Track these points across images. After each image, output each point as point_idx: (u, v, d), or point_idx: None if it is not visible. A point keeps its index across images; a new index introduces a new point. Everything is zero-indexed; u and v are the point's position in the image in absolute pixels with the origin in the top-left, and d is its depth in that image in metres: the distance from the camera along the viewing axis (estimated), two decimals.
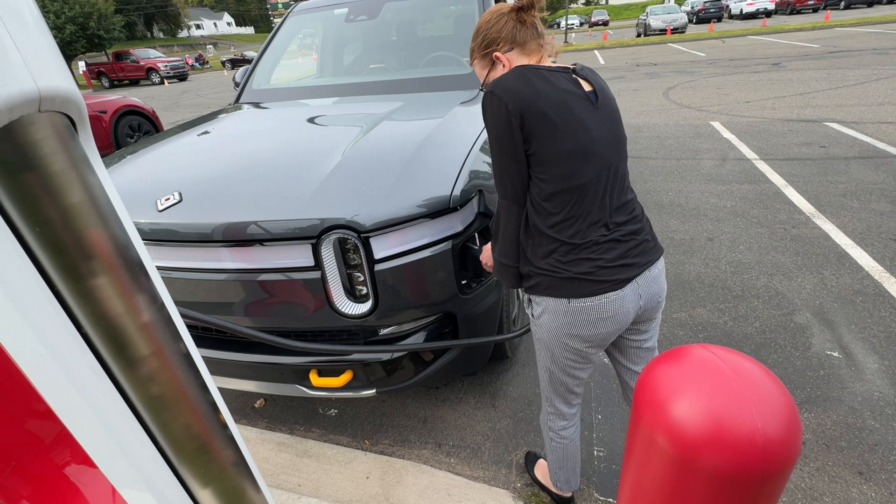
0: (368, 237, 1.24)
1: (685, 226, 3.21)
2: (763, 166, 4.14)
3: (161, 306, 0.66)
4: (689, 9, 30.05)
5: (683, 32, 21.00)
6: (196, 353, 0.77)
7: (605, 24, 38.47)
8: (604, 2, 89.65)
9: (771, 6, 25.97)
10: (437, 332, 1.49)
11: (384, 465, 1.60)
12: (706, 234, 3.06)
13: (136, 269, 0.63)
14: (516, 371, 2.05)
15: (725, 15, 28.91)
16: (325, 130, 1.82)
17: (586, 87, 0.99)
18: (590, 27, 39.15)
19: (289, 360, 1.44)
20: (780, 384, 0.52)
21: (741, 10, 27.10)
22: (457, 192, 1.33)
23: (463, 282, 1.43)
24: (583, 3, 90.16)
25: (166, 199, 1.38)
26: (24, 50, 0.47)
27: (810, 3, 25.08)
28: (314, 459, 1.65)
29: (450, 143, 1.56)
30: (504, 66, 1.05)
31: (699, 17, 27.64)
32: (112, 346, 0.61)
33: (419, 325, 1.46)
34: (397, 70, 2.57)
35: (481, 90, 1.14)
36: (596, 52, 17.25)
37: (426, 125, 1.69)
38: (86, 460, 1.15)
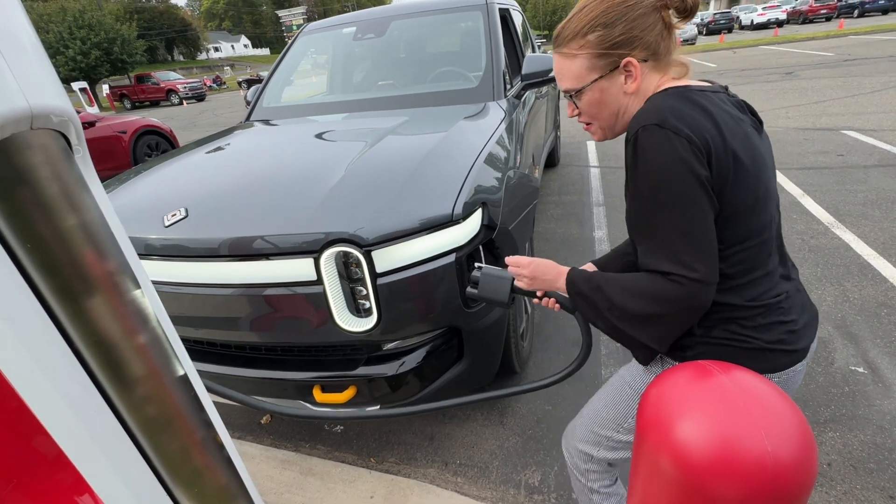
0: (370, 250, 1.23)
1: None
2: (778, 176, 4.05)
3: (156, 327, 0.65)
4: (699, 20, 30.11)
5: (693, 44, 21.00)
6: (194, 374, 0.76)
7: None
8: None
9: (782, 16, 25.84)
10: (443, 346, 1.46)
11: (389, 485, 1.56)
12: None
13: (131, 290, 0.62)
14: None
15: (736, 26, 28.86)
16: (331, 146, 1.84)
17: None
18: None
19: (293, 375, 1.42)
20: (790, 402, 0.49)
21: (752, 21, 27.04)
22: (459, 204, 1.32)
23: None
24: None
25: (172, 215, 1.40)
26: (18, 71, 0.47)
27: (823, 12, 24.89)
28: (318, 478, 1.62)
29: (453, 156, 1.56)
30: (634, 79, 0.77)
31: (709, 29, 27.67)
32: (106, 366, 0.60)
33: (424, 340, 1.44)
34: (404, 86, 2.60)
35: (568, 96, 0.83)
36: None
37: (430, 139, 1.69)
38: (81, 482, 1.14)
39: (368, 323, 1.30)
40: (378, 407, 1.41)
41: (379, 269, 1.25)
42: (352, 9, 75.86)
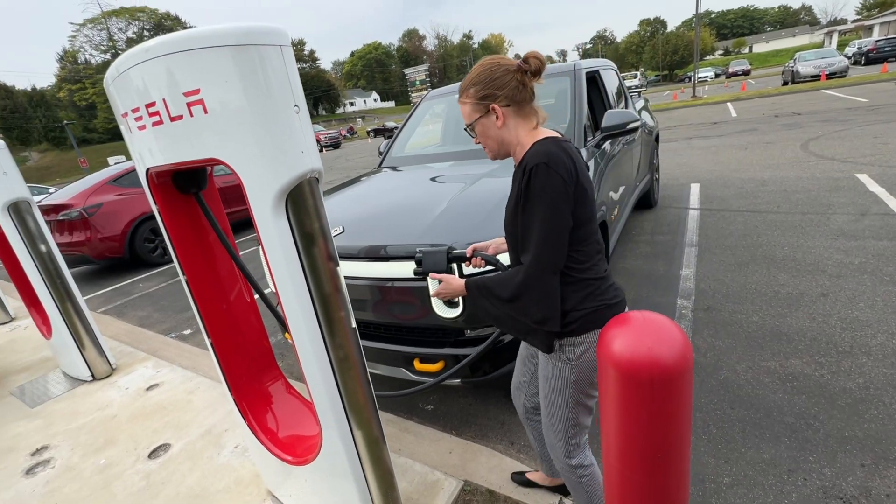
0: None
1: (795, 280, 3.06)
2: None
3: (344, 293, 1.27)
4: (855, 49, 26.47)
5: (844, 76, 18.52)
6: (357, 333, 1.34)
7: (746, 73, 35.70)
8: (746, 51, 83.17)
9: None
10: (507, 342, 1.88)
11: (464, 446, 1.99)
12: (820, 290, 2.90)
13: (335, 266, 1.24)
14: None
15: None
16: (439, 186, 2.44)
17: None
18: (727, 78, 36.70)
19: (401, 348, 1.97)
20: (678, 330, 0.86)
21: None
22: None
23: None
24: (720, 54, 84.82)
25: (335, 231, 2.09)
26: (310, 151, 1.14)
27: None
28: (412, 434, 2.11)
29: None
30: (498, 118, 1.10)
31: (868, 59, 24.13)
32: (324, 314, 1.23)
33: (492, 331, 1.88)
34: None
35: (465, 129, 1.18)
36: (729, 104, 16.25)
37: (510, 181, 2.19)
38: (300, 398, 1.82)
39: (456, 312, 1.79)
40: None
41: (465, 272, 1.75)
42: (469, 64, 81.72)
